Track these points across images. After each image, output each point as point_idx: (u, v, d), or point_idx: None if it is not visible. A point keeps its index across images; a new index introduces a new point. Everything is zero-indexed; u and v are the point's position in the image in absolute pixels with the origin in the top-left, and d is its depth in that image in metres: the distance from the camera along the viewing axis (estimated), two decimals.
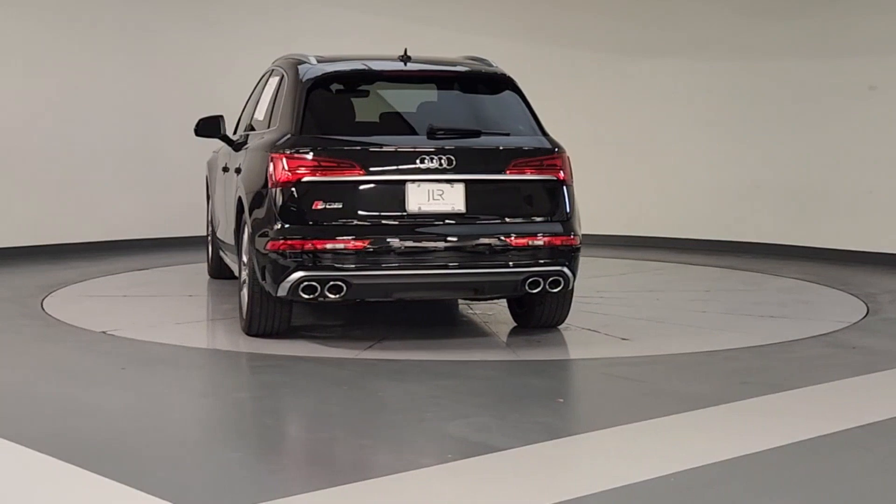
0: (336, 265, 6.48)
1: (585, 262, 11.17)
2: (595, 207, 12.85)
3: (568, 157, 7.02)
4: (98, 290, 9.20)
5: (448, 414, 5.36)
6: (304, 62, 7.32)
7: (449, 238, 6.65)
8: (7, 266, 10.32)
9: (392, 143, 6.76)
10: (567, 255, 6.85)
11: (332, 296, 6.52)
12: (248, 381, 6.06)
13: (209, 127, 8.11)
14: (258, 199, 6.80)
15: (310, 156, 6.58)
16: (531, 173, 6.84)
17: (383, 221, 6.62)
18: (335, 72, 7.25)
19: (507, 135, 7.07)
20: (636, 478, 4.33)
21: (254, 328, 6.99)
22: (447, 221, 6.66)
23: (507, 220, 6.79)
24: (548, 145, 6.99)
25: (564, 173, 6.94)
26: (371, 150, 6.70)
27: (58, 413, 5.43)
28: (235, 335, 7.27)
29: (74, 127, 11.42)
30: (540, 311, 7.29)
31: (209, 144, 9.18)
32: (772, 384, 6.00)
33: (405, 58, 7.36)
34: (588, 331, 7.43)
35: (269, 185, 6.64)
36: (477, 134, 6.95)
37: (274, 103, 7.36)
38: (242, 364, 6.46)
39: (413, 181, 6.61)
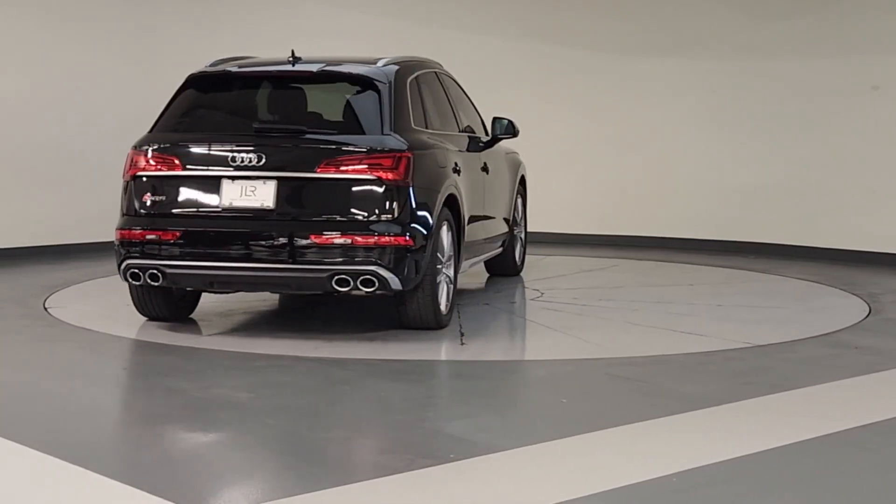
0: (153, 255, 6.96)
1: (583, 261, 11.24)
2: (596, 207, 12.90)
3: (405, 158, 6.90)
4: (100, 290, 9.20)
5: (449, 414, 5.36)
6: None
7: (255, 233, 6.86)
8: (9, 266, 10.32)
9: (214, 140, 7.10)
10: (387, 255, 6.78)
11: (153, 283, 6.99)
12: (250, 380, 6.06)
13: None
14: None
15: (145, 152, 7.15)
16: (348, 172, 6.83)
17: (198, 215, 7.01)
18: (200, 74, 7.60)
19: (335, 133, 7.15)
20: (638, 478, 4.33)
21: (141, 312, 7.52)
22: (256, 217, 6.86)
23: (317, 217, 6.86)
24: (375, 145, 6.92)
25: (393, 173, 6.84)
26: (194, 147, 7.11)
27: (59, 413, 5.42)
28: (239, 336, 7.27)
29: (76, 127, 11.42)
30: (403, 312, 7.23)
31: None
32: (774, 384, 5.99)
33: (293, 59, 7.54)
34: (454, 332, 7.32)
35: (123, 180, 7.27)
36: (301, 132, 7.15)
37: None
38: (244, 363, 6.46)
39: (228, 177, 6.92)
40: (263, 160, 6.86)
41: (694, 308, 8.53)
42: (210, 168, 7.00)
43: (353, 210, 6.83)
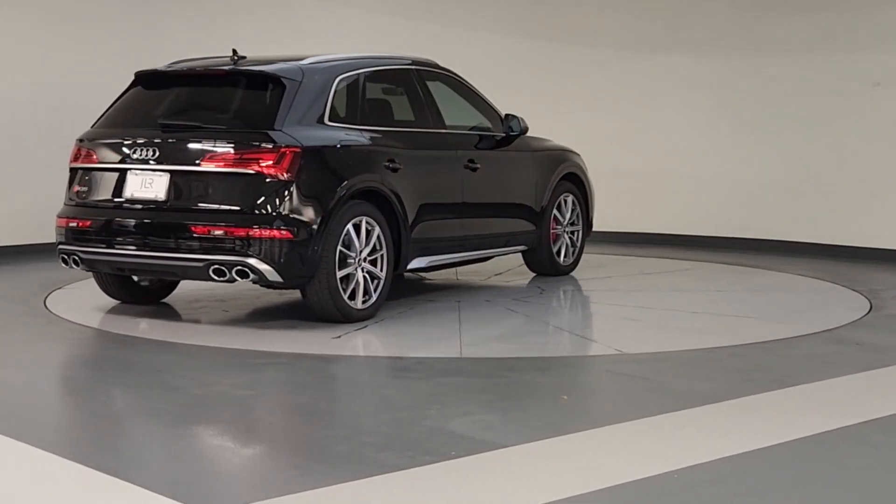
0: (74, 241, 7.58)
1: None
2: (600, 204, 12.87)
3: (290, 153, 7.06)
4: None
5: (451, 411, 5.35)
6: None
7: (149, 224, 7.30)
8: (10, 264, 10.33)
9: (125, 135, 7.53)
10: (264, 247, 6.98)
11: (76, 266, 7.63)
12: (251, 378, 6.06)
13: None
14: None
15: (77, 146, 7.79)
16: (230, 166, 7.10)
17: (106, 205, 7.53)
18: (142, 72, 8.02)
19: (227, 129, 7.30)
20: (640, 474, 4.33)
21: (104, 292, 8.12)
22: (151, 208, 7.31)
23: (200, 209, 7.18)
24: (259, 140, 7.10)
25: (275, 168, 7.03)
26: (110, 142, 7.60)
27: (60, 411, 5.42)
28: (239, 333, 7.27)
29: (75, 125, 11.36)
30: (307, 303, 7.41)
31: None
32: (776, 380, 5.99)
33: (235, 59, 7.76)
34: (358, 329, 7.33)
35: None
36: (195, 128, 7.35)
37: None
38: (245, 361, 6.45)
39: (132, 170, 7.41)
40: (158, 154, 7.29)
41: (690, 304, 8.51)
42: (119, 162, 7.48)
43: (233, 203, 7.10)
